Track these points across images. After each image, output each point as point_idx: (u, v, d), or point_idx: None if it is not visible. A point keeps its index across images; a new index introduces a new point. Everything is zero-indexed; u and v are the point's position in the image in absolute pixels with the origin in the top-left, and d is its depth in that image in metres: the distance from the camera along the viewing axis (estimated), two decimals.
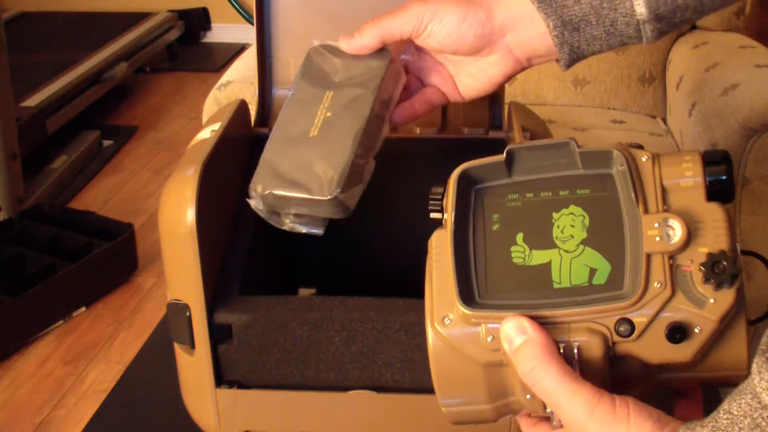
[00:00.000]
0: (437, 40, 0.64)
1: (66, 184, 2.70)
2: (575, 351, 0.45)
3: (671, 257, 0.45)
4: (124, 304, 2.14)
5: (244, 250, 0.72)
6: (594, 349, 0.45)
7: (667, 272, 0.45)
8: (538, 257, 0.48)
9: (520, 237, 0.48)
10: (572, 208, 0.48)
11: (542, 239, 0.48)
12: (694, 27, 2.03)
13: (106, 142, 2.99)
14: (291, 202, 0.61)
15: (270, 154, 0.63)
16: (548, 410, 0.46)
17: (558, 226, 0.48)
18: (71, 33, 3.62)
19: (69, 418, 1.79)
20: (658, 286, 0.45)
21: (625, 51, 1.93)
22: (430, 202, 0.52)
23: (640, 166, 0.48)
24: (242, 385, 0.68)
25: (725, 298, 0.44)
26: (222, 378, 0.68)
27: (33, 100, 2.77)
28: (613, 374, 0.46)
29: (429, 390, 0.67)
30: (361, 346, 0.66)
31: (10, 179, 2.30)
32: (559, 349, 0.45)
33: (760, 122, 1.52)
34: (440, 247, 0.49)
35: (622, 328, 0.45)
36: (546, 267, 0.47)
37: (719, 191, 0.48)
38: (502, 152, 0.79)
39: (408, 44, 0.68)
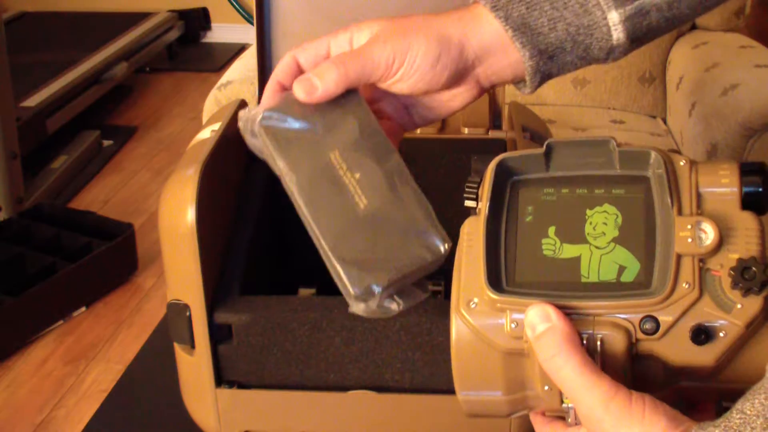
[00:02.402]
0: (407, 84, 0.57)
1: (66, 184, 2.70)
2: (598, 344, 0.45)
3: (701, 260, 0.45)
4: (124, 304, 2.14)
5: (244, 250, 0.72)
6: (617, 343, 0.45)
7: (696, 274, 0.45)
8: (569, 251, 0.48)
9: (552, 230, 0.49)
10: (606, 206, 0.49)
11: (574, 234, 0.48)
12: (694, 27, 2.03)
13: (106, 142, 3.00)
14: (409, 278, 0.54)
15: (341, 250, 0.54)
16: (565, 405, 0.46)
17: (591, 223, 0.49)
18: (71, 33, 3.62)
19: (69, 418, 1.79)
20: (687, 287, 0.45)
21: None
22: (466, 189, 0.52)
23: (677, 170, 0.49)
24: (242, 385, 0.68)
25: (753, 304, 0.44)
26: (222, 378, 0.68)
27: (33, 100, 2.77)
28: (632, 374, 0.46)
29: (429, 390, 0.68)
30: (361, 346, 0.66)
31: (10, 179, 2.30)
32: (582, 340, 0.45)
33: (760, 122, 1.52)
34: (472, 234, 0.50)
35: (647, 326, 0.45)
36: (575, 261, 0.48)
37: (754, 202, 0.48)
38: (502, 152, 0.79)
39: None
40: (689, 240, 0.45)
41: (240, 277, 0.69)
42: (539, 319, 0.45)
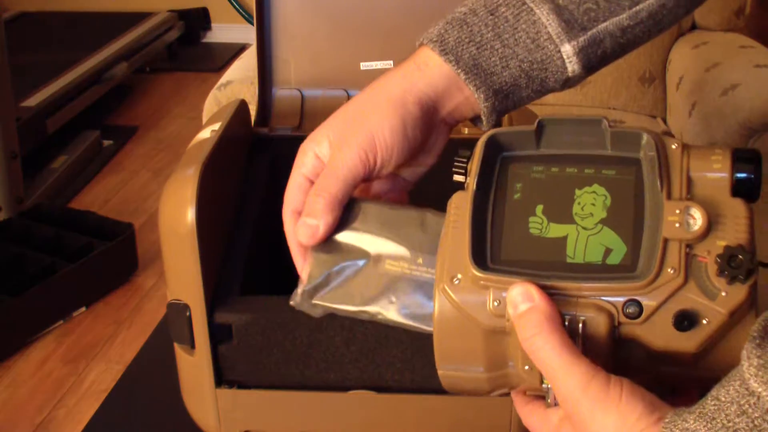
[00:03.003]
0: (393, 164, 0.56)
1: (66, 184, 2.70)
2: (580, 326, 0.45)
3: (688, 246, 0.45)
4: (124, 304, 2.14)
5: (244, 250, 0.72)
6: (599, 326, 0.45)
7: (682, 260, 0.45)
8: (555, 230, 0.48)
9: (539, 209, 0.49)
10: (595, 186, 0.49)
11: (561, 213, 0.48)
12: (694, 27, 2.03)
13: (106, 142, 3.00)
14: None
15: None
16: (545, 385, 0.46)
17: (579, 203, 0.48)
18: (71, 33, 3.62)
19: (69, 418, 1.79)
20: (672, 272, 0.45)
21: None
22: (455, 163, 0.52)
23: (669, 153, 0.48)
24: (242, 385, 0.69)
25: (738, 292, 0.44)
26: (222, 378, 0.68)
27: (33, 100, 2.78)
28: (613, 358, 0.46)
29: (429, 390, 0.68)
30: (361, 346, 0.66)
31: (10, 179, 2.30)
32: (563, 321, 0.45)
33: (760, 122, 1.52)
34: (459, 209, 0.49)
35: (630, 310, 0.45)
36: (561, 241, 0.47)
37: (745, 189, 0.47)
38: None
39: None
40: (677, 225, 0.45)
41: (240, 277, 0.69)
42: (521, 298, 0.45)
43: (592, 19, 0.55)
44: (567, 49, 0.55)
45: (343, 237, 0.56)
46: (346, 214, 0.56)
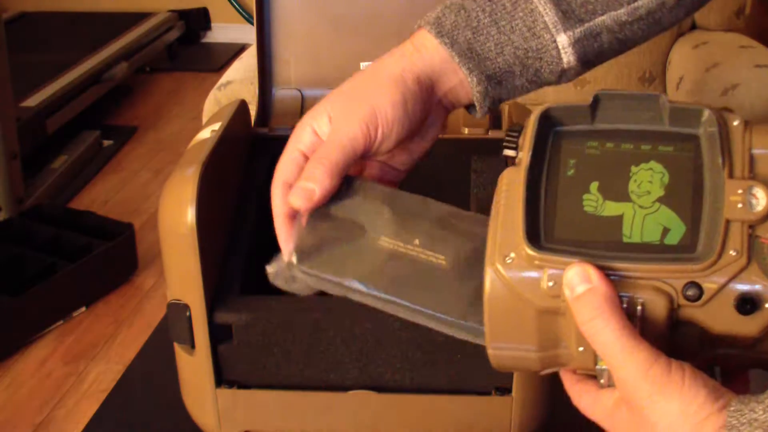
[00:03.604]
0: (392, 139, 0.56)
1: (66, 184, 2.70)
2: (638, 308, 0.44)
3: (750, 227, 0.43)
4: (124, 304, 2.14)
5: (244, 250, 0.72)
6: (658, 308, 0.44)
7: (744, 241, 0.43)
8: (611, 209, 0.46)
9: (594, 186, 0.47)
10: (652, 163, 0.47)
11: (617, 191, 0.46)
12: (694, 27, 2.03)
13: (106, 142, 2.99)
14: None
15: (464, 315, 0.51)
16: (599, 366, 0.45)
17: (635, 180, 0.47)
18: (71, 33, 3.62)
19: (69, 418, 1.79)
20: (734, 254, 0.43)
21: None
22: (506, 138, 0.50)
23: (730, 130, 0.46)
24: (242, 385, 0.69)
25: None
26: (222, 378, 0.68)
27: (33, 100, 2.77)
28: (671, 340, 0.44)
29: (429, 390, 0.68)
30: (361, 346, 0.66)
31: (10, 179, 2.30)
32: (621, 303, 0.44)
33: (760, 122, 1.52)
34: (511, 185, 0.48)
35: (690, 292, 0.43)
36: (617, 219, 0.46)
37: None
38: (502, 152, 0.79)
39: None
40: (739, 205, 0.43)
41: (240, 277, 0.69)
42: (579, 280, 0.44)
43: (589, 12, 0.55)
44: (562, 40, 0.55)
45: (339, 210, 0.55)
46: (343, 190, 0.55)
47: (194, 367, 0.68)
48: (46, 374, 1.91)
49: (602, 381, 0.46)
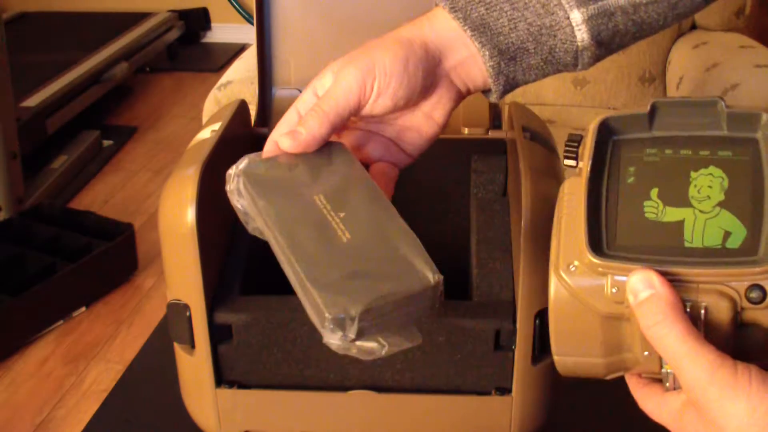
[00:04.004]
0: (388, 96, 0.56)
1: (66, 184, 2.70)
2: (702, 312, 0.44)
3: None
4: (124, 304, 2.14)
5: (244, 250, 0.72)
6: (722, 312, 0.44)
7: None
8: (672, 214, 0.47)
9: (654, 192, 0.48)
10: (712, 168, 0.47)
11: (677, 197, 0.47)
12: (694, 27, 2.03)
13: (106, 142, 3.00)
14: (395, 313, 0.49)
15: (316, 275, 0.49)
16: (664, 370, 0.46)
17: (695, 186, 0.47)
18: (71, 33, 3.62)
19: (69, 418, 1.79)
20: None
21: (626, 50, 1.93)
22: (566, 148, 0.51)
23: None
24: (242, 385, 0.69)
25: None
26: (222, 378, 0.68)
27: (33, 100, 2.78)
28: (734, 343, 0.45)
29: (429, 390, 0.68)
30: None
31: (10, 179, 2.30)
32: (685, 308, 0.44)
33: None
34: (573, 194, 0.49)
35: (753, 294, 0.44)
36: (679, 225, 0.46)
37: None
38: (502, 152, 0.79)
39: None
40: None
41: (240, 277, 0.69)
42: (642, 285, 0.44)
43: None
44: (576, 16, 0.55)
45: (305, 157, 0.56)
46: (324, 147, 0.57)
47: (194, 367, 0.68)
48: (46, 374, 1.91)
49: (668, 384, 0.46)
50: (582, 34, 0.56)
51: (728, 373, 0.42)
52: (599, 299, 0.46)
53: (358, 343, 0.48)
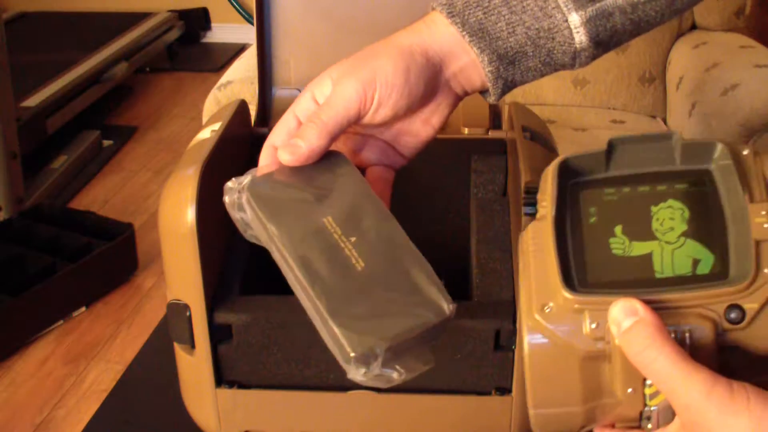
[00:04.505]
0: (389, 107, 0.56)
1: (66, 184, 2.70)
2: (686, 336, 0.44)
3: None
4: (124, 304, 2.14)
5: (244, 250, 0.72)
6: (705, 334, 0.44)
7: None
8: (639, 248, 0.47)
9: (618, 229, 0.48)
10: (671, 201, 0.48)
11: (641, 231, 0.48)
12: (694, 27, 2.03)
13: (106, 142, 3.00)
14: (412, 343, 0.51)
15: (338, 311, 0.50)
16: (648, 407, 0.46)
17: (657, 219, 0.48)
18: (71, 33, 3.62)
19: (69, 418, 1.79)
20: None
21: (625, 51, 1.93)
22: (525, 197, 0.52)
23: (742, 159, 0.48)
24: (242, 385, 0.69)
25: None
26: (222, 378, 0.68)
27: (33, 100, 2.77)
28: (719, 368, 0.45)
29: (429, 390, 0.68)
30: None
31: (10, 179, 2.30)
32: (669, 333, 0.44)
33: (760, 122, 1.52)
34: (538, 238, 0.49)
35: (733, 315, 0.44)
36: (647, 258, 0.47)
37: None
38: (502, 152, 0.79)
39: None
40: (765, 225, 0.45)
41: (240, 277, 0.69)
42: (624, 315, 0.44)
43: None
44: (574, 19, 0.55)
45: (311, 172, 0.55)
46: (325, 158, 0.56)
47: (194, 367, 0.68)
48: (46, 374, 1.91)
49: (650, 426, 0.46)
50: (580, 37, 0.56)
51: (725, 391, 0.41)
52: (578, 338, 0.46)
53: (380, 375, 0.50)
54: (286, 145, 0.55)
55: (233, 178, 0.57)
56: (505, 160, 0.78)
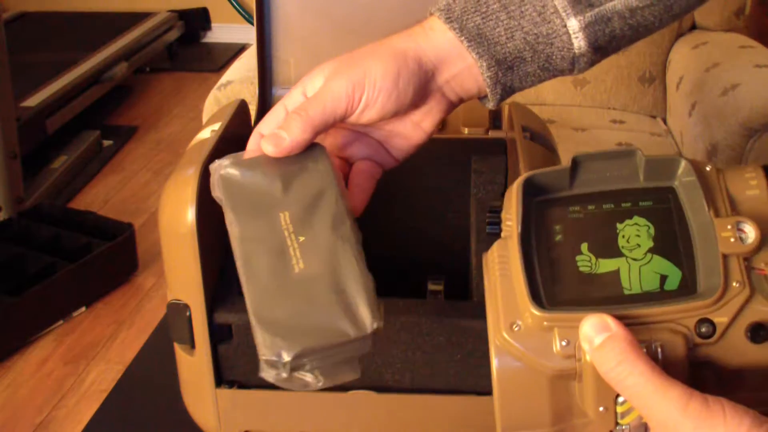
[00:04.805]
0: (375, 110, 0.56)
1: (66, 184, 2.70)
2: (658, 351, 0.44)
3: (745, 260, 0.45)
4: (124, 304, 2.14)
5: None
6: (676, 348, 0.44)
7: (744, 273, 0.45)
8: (605, 265, 0.47)
9: (584, 246, 0.48)
10: (636, 218, 0.49)
11: (608, 248, 0.48)
12: (694, 27, 2.03)
13: (106, 142, 3.00)
14: (330, 353, 0.51)
15: (262, 311, 0.51)
16: (620, 426, 0.45)
17: (623, 236, 0.48)
18: (71, 33, 3.62)
19: (69, 418, 1.79)
20: (737, 285, 0.45)
21: (626, 51, 1.94)
22: (488, 216, 0.52)
23: (705, 175, 0.49)
24: (242, 385, 0.69)
25: None
26: (222, 378, 0.68)
27: (33, 100, 2.78)
28: (692, 383, 0.44)
29: (429, 390, 0.68)
30: None
31: (10, 179, 2.30)
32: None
33: (760, 122, 1.52)
34: (504, 257, 0.49)
35: (703, 329, 0.44)
36: (614, 274, 0.47)
37: None
38: (502, 152, 0.79)
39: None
40: (732, 240, 0.45)
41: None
42: (596, 331, 0.43)
43: None
44: (573, 24, 0.55)
45: (284, 164, 0.56)
46: (304, 159, 0.56)
47: (194, 367, 0.68)
48: (46, 374, 1.91)
49: None
50: (579, 42, 0.56)
51: (701, 406, 0.41)
52: (548, 357, 0.45)
53: (293, 375, 0.50)
54: (270, 135, 0.56)
55: (217, 160, 0.57)
56: (505, 160, 0.78)
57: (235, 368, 0.68)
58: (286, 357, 0.49)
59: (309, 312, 0.51)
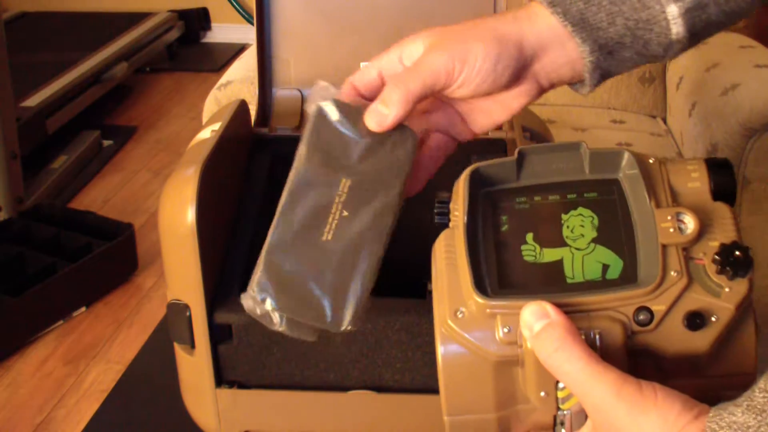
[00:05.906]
0: (470, 88, 0.57)
1: (66, 184, 2.70)
2: (596, 338, 0.45)
3: (684, 249, 0.47)
4: (124, 304, 2.14)
5: (244, 250, 0.72)
6: (614, 336, 0.45)
7: (682, 262, 0.46)
8: (550, 255, 0.49)
9: (530, 236, 0.49)
10: (581, 209, 0.50)
11: (552, 238, 0.49)
12: None
13: (106, 142, 2.99)
14: (295, 321, 0.54)
15: (275, 253, 0.53)
16: (561, 411, 0.46)
17: (568, 227, 0.49)
18: (71, 33, 3.62)
19: (69, 418, 1.79)
20: (675, 275, 0.46)
21: None
22: (437, 207, 0.52)
23: (648, 168, 0.50)
24: (242, 385, 0.69)
25: (740, 287, 0.46)
26: (222, 378, 0.68)
27: (33, 100, 2.77)
28: (629, 370, 0.45)
29: (429, 390, 0.68)
30: (361, 346, 0.66)
31: (10, 179, 2.29)
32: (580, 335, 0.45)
33: (760, 122, 1.52)
34: (450, 246, 0.50)
35: (641, 317, 0.46)
36: (558, 264, 0.48)
37: (725, 193, 0.50)
38: (502, 152, 0.79)
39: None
40: (671, 230, 0.46)
41: (240, 277, 0.69)
42: (535, 317, 0.45)
43: None
44: (672, 10, 0.56)
45: (374, 132, 0.56)
46: (392, 136, 0.56)
47: (194, 367, 0.68)
48: (46, 374, 1.91)
49: (563, 431, 0.47)
50: (678, 28, 0.56)
51: (634, 390, 0.42)
52: (491, 343, 0.47)
53: (263, 317, 0.53)
54: (372, 112, 0.56)
55: (326, 84, 0.58)
56: None
57: (235, 368, 0.68)
58: (268, 307, 0.52)
59: (308, 283, 0.52)
